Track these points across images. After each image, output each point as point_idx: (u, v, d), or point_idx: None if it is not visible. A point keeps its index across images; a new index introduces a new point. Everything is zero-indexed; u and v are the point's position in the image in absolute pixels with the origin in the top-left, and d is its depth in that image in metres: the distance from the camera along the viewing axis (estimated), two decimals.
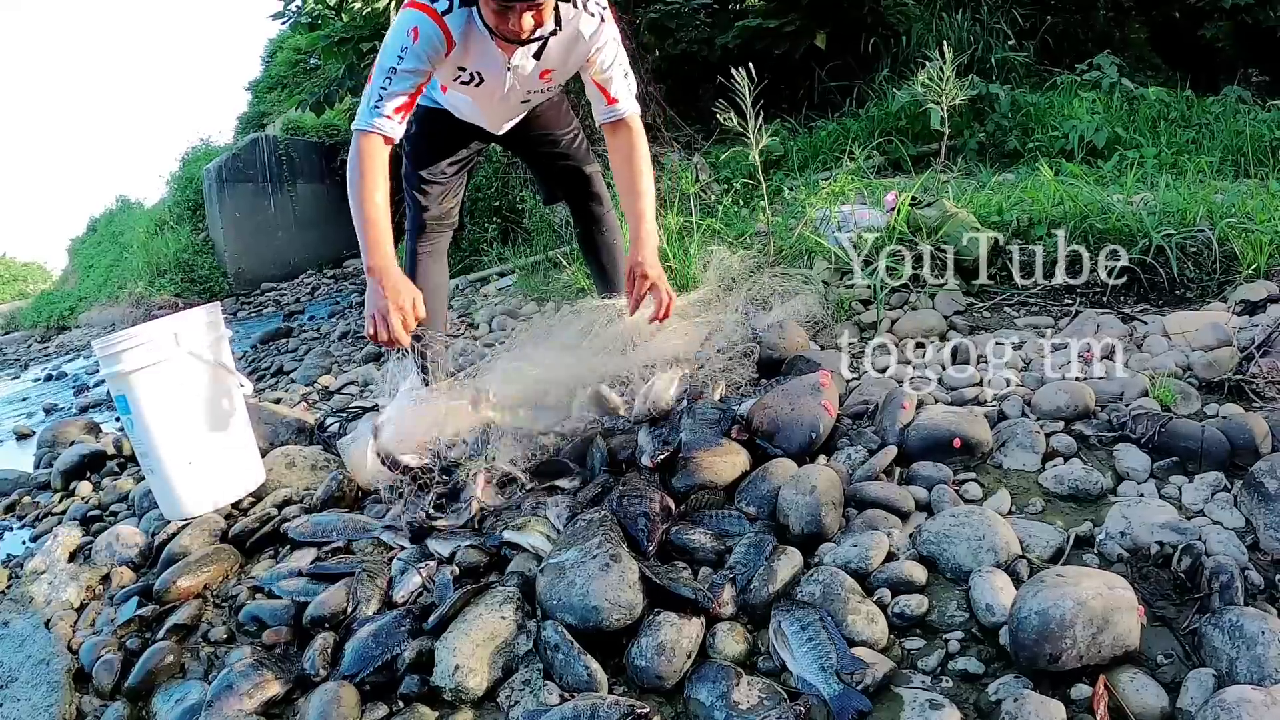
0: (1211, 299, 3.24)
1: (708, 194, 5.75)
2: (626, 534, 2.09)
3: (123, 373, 2.67)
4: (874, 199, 4.20)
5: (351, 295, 8.72)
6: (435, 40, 2.40)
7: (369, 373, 4.55)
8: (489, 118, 2.90)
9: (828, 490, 2.11)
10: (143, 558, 2.71)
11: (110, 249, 14.88)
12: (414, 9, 2.40)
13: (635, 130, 2.73)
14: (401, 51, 2.40)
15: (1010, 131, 6.17)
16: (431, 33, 2.38)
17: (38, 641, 2.30)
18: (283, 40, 15.09)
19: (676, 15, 7.69)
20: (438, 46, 2.41)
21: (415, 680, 1.84)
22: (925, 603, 1.84)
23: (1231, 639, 1.55)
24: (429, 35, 2.39)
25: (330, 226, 11.61)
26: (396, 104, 2.45)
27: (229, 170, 11.21)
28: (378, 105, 2.44)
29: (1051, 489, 2.18)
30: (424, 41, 2.39)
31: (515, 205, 6.76)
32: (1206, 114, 5.89)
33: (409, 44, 2.39)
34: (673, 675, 1.75)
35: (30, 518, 3.45)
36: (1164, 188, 4.02)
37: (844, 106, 7.40)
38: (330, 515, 2.66)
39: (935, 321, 3.26)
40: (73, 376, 8.09)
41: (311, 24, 7.74)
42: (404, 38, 2.39)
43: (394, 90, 2.43)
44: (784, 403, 2.50)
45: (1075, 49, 7.56)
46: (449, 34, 2.40)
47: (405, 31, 2.39)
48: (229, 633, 2.25)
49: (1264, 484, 1.93)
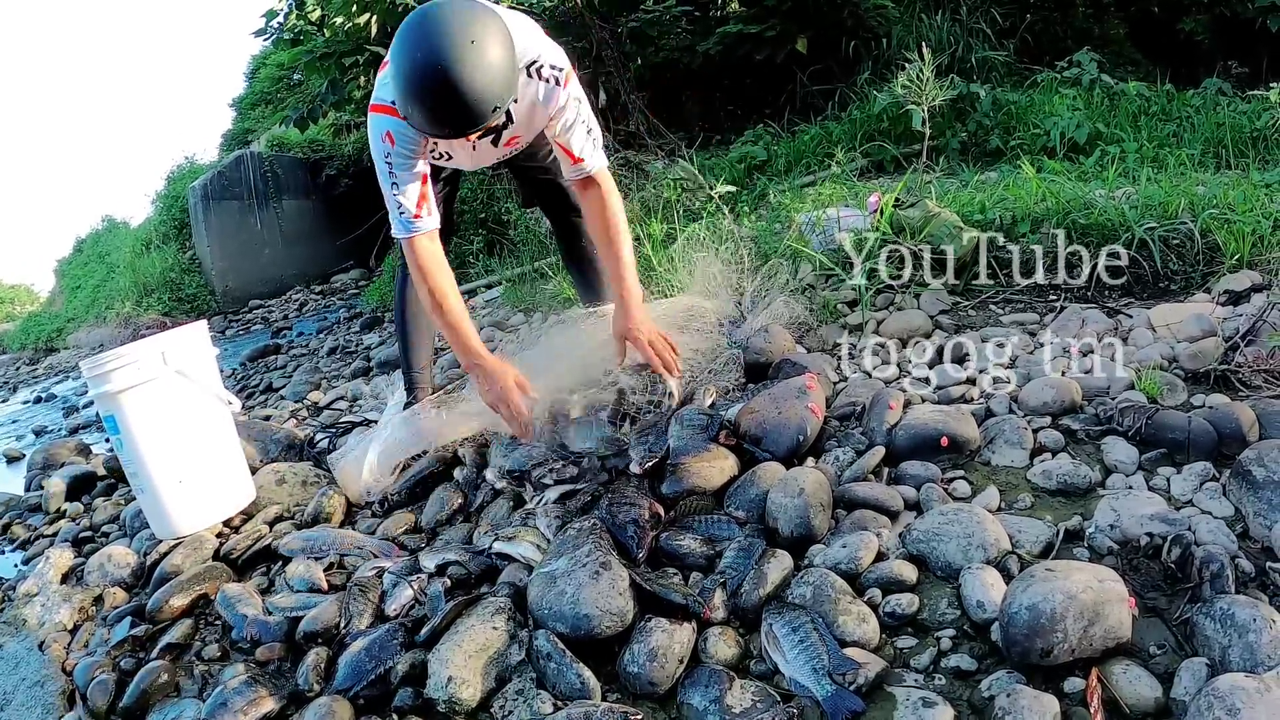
0: (1195, 290, 3.25)
1: (692, 200, 5.76)
2: (616, 541, 2.09)
3: (111, 393, 2.67)
4: (858, 202, 4.21)
5: (339, 310, 8.70)
6: (410, 136, 2.40)
7: (358, 388, 4.55)
8: (466, 169, 2.96)
9: (816, 492, 2.11)
10: (135, 578, 2.70)
11: (97, 269, 14.83)
12: (378, 114, 2.42)
13: (605, 187, 2.70)
14: (387, 157, 2.43)
15: (992, 130, 6.19)
16: (403, 130, 2.38)
17: (32, 664, 2.29)
18: (265, 57, 15.08)
19: (658, 23, 7.70)
20: (415, 139, 2.42)
21: (409, 693, 1.84)
22: (916, 601, 1.84)
23: (1223, 627, 1.56)
24: (402, 135, 2.40)
25: (317, 242, 11.60)
26: (416, 199, 2.47)
27: (214, 188, 11.18)
28: (402, 211, 2.48)
29: (1040, 484, 2.18)
30: (400, 141, 2.41)
31: (501, 217, 6.76)
32: (1187, 107, 5.91)
33: (389, 149, 2.42)
34: (665, 681, 1.75)
35: (21, 540, 3.44)
36: (1146, 182, 4.03)
37: (826, 110, 7.41)
38: (321, 531, 2.65)
39: (921, 321, 3.27)
40: (62, 398, 8.06)
41: (293, 40, 7.73)
42: (383, 145, 2.42)
43: (405, 191, 2.45)
44: (771, 406, 2.50)
45: (1055, 46, 7.59)
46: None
47: (380, 139, 2.42)
48: (222, 650, 2.24)
49: (1252, 472, 1.94)
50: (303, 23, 7.53)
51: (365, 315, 7.38)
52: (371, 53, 6.65)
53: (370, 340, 6.28)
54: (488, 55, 2.09)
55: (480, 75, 2.08)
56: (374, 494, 2.85)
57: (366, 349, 5.98)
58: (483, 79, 2.08)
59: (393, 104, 2.33)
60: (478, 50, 2.07)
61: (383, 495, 2.84)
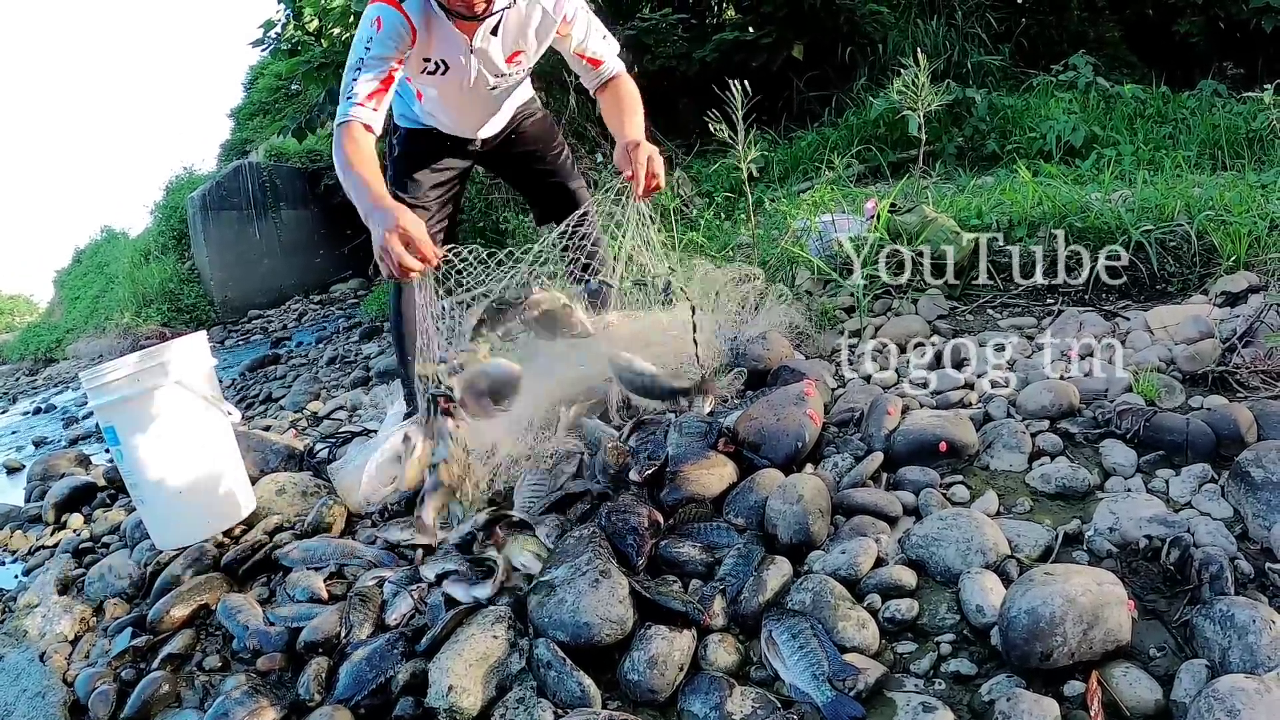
0: (1193, 292, 3.26)
1: (690, 208, 5.77)
2: (616, 549, 2.09)
3: (111, 404, 2.67)
4: (854, 208, 4.22)
5: (338, 320, 8.71)
6: (399, 26, 2.40)
7: (357, 397, 4.55)
8: (464, 116, 2.90)
9: (814, 498, 2.11)
10: (135, 588, 2.70)
11: (96, 280, 14.86)
12: (375, 2, 2.43)
13: (623, 81, 2.76)
14: (368, 42, 2.41)
15: (988, 135, 6.20)
16: (395, 20, 2.40)
17: (33, 675, 2.29)
18: (263, 67, 15.09)
19: (654, 30, 7.71)
20: (402, 34, 2.42)
21: (410, 702, 1.84)
22: (915, 606, 1.84)
23: (1223, 629, 1.56)
24: (392, 22, 2.40)
25: (316, 252, 11.62)
26: (370, 89, 2.42)
27: (213, 198, 11.20)
28: (350, 96, 2.43)
29: (1039, 488, 2.19)
30: (388, 29, 2.40)
31: (499, 226, 6.76)
32: (1182, 109, 5.93)
33: (374, 34, 2.41)
34: (666, 688, 1.75)
35: (22, 551, 3.45)
36: (1142, 184, 4.04)
37: (823, 116, 7.43)
38: (321, 541, 2.66)
39: (919, 326, 3.27)
40: (62, 409, 8.07)
41: (291, 50, 7.74)
42: (369, 29, 2.41)
43: (365, 77, 2.42)
44: (769, 413, 2.50)
45: (1050, 50, 7.61)
46: (410, 21, 2.41)
47: (369, 23, 2.42)
48: (223, 661, 2.25)
49: (1250, 473, 1.94)
50: (300, 33, 7.55)
51: (364, 325, 7.39)
52: None
53: (369, 350, 6.29)
54: None
55: None
56: (373, 504, 2.85)
57: (366, 359, 5.98)
58: None
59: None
60: None
61: (382, 505, 2.84)
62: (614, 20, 7.56)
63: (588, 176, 6.71)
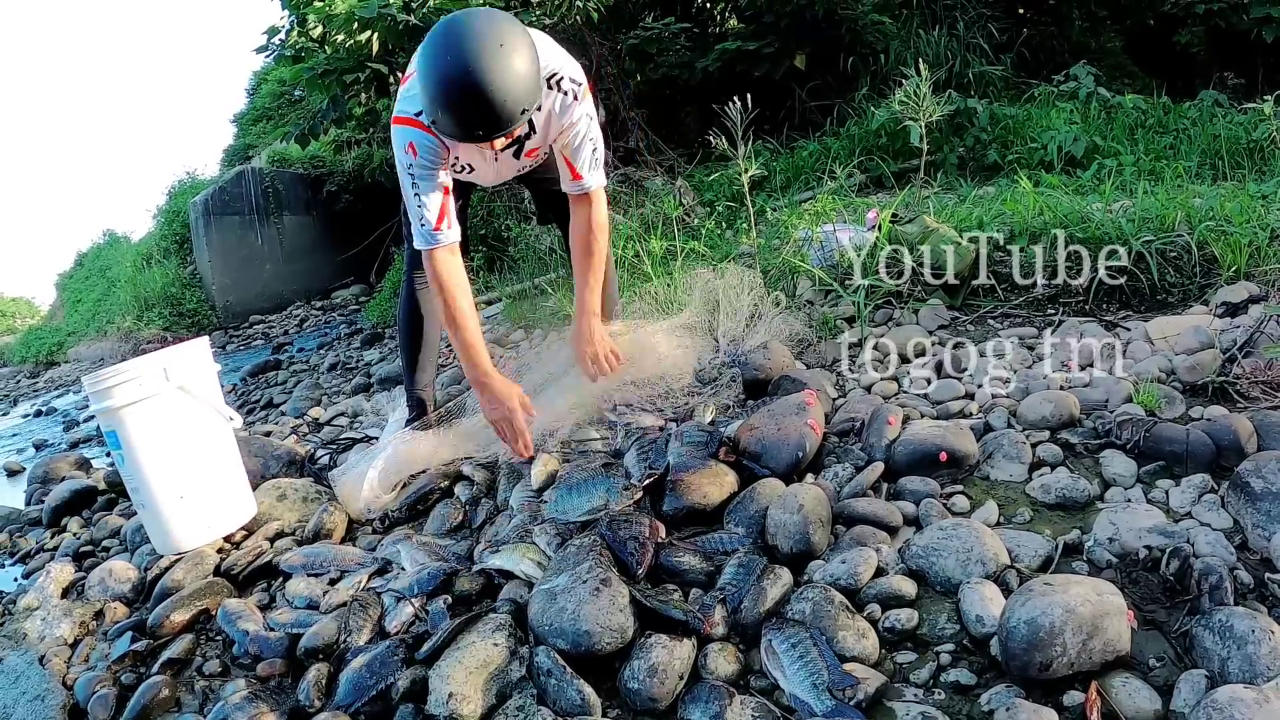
0: (1193, 302, 3.26)
1: (691, 217, 5.78)
2: (616, 558, 2.09)
3: (112, 408, 2.68)
4: (856, 217, 4.23)
5: (340, 326, 8.72)
6: (432, 147, 2.45)
7: (358, 404, 4.55)
8: (484, 181, 2.97)
9: (815, 508, 2.12)
10: (135, 593, 2.70)
11: (98, 283, 14.87)
12: (401, 125, 2.46)
13: (596, 204, 2.78)
14: (410, 170, 2.48)
15: (989, 145, 6.22)
16: (426, 142, 2.44)
17: (32, 678, 2.29)
18: (267, 73, 15.13)
19: (657, 40, 7.73)
20: (437, 151, 2.47)
21: (410, 709, 1.84)
22: (915, 616, 1.84)
23: (1222, 639, 1.56)
24: (424, 146, 2.45)
25: (318, 258, 11.63)
26: (438, 212, 2.52)
27: (215, 203, 11.22)
28: (424, 223, 2.52)
29: (1039, 498, 2.19)
30: (423, 153, 2.46)
31: (501, 233, 6.77)
32: (1183, 119, 5.94)
33: (412, 160, 2.47)
34: (666, 697, 1.75)
35: (22, 554, 3.45)
36: (1142, 194, 4.05)
37: (825, 126, 7.44)
38: (322, 547, 2.66)
39: (920, 337, 3.28)
40: (62, 412, 8.07)
41: (295, 57, 7.74)
42: (405, 157, 2.47)
43: (428, 203, 2.50)
44: (770, 423, 2.51)
45: (1052, 60, 7.63)
46: (439, 138, 2.44)
47: (403, 151, 2.47)
48: (223, 666, 2.24)
49: (1250, 483, 1.94)
50: (304, 40, 7.56)
51: (366, 331, 7.39)
52: (372, 70, 6.68)
53: (371, 356, 6.29)
54: (515, 59, 2.15)
55: (509, 78, 2.13)
56: (374, 511, 2.86)
57: (367, 365, 5.98)
58: (511, 81, 2.14)
59: (415, 115, 2.39)
60: (506, 54, 2.13)
61: (384, 512, 2.85)
62: (617, 29, 7.60)
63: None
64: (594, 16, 6.89)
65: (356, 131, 8.81)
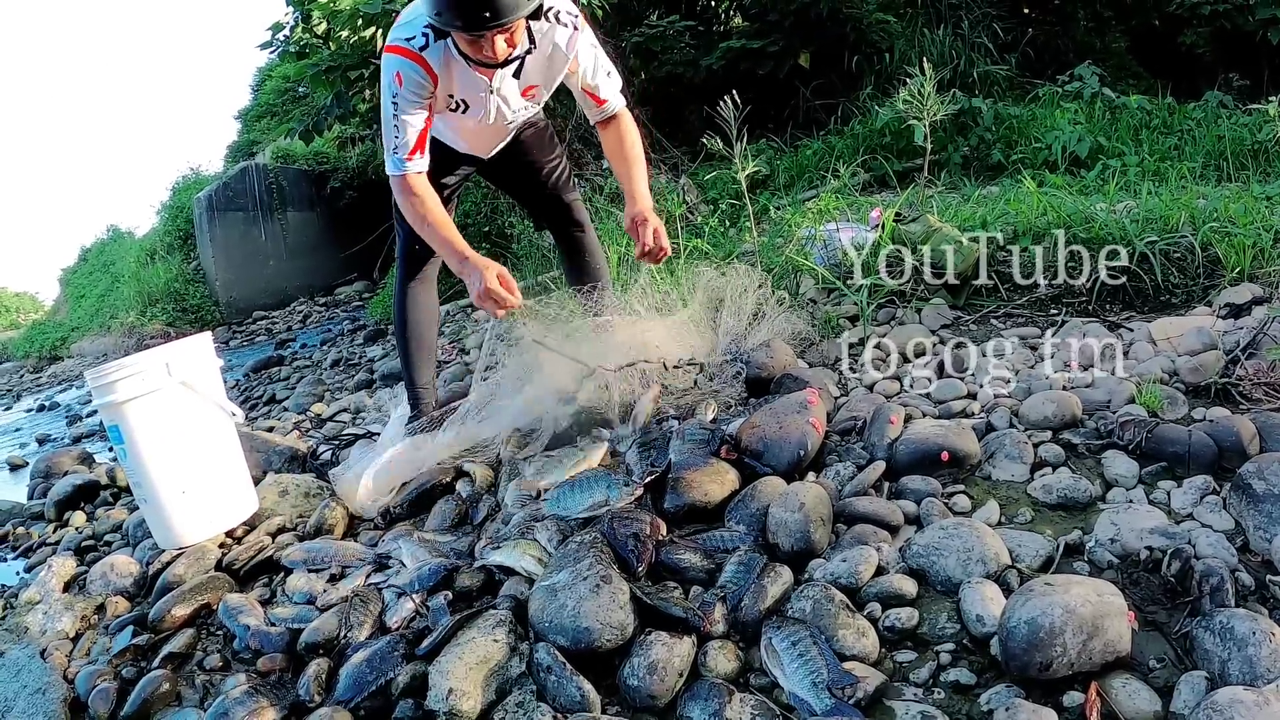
0: (1196, 304, 3.26)
1: (694, 215, 5.78)
2: (617, 555, 2.09)
3: (115, 403, 2.68)
4: (859, 216, 4.23)
5: (343, 322, 8.72)
6: (419, 78, 2.50)
7: (361, 400, 4.56)
8: (478, 143, 2.97)
9: (816, 507, 2.11)
10: (137, 587, 2.71)
11: (102, 279, 14.90)
12: (392, 54, 2.52)
13: (624, 122, 2.89)
14: (394, 98, 2.54)
15: (994, 144, 6.22)
16: (413, 72, 2.49)
17: (33, 671, 2.30)
18: (271, 69, 15.14)
19: (661, 38, 7.74)
20: (422, 83, 2.51)
21: (410, 705, 1.84)
22: (916, 615, 1.84)
23: (1223, 641, 1.56)
24: (411, 76, 2.50)
25: (321, 254, 11.64)
26: (412, 143, 2.58)
27: (219, 199, 11.23)
28: (396, 150, 2.59)
29: (1040, 498, 2.18)
30: (409, 84, 2.51)
31: (504, 230, 6.78)
32: (1188, 120, 5.94)
33: (397, 90, 2.52)
34: (665, 694, 1.75)
35: (24, 548, 3.45)
36: (1146, 195, 4.05)
37: (829, 124, 7.45)
38: (323, 543, 2.66)
39: (922, 336, 3.27)
40: (65, 407, 8.08)
41: (299, 53, 7.75)
42: (391, 85, 2.53)
43: (404, 130, 2.57)
44: (772, 421, 2.50)
45: (1056, 60, 7.63)
46: (430, 69, 2.50)
47: (390, 80, 2.52)
48: (224, 661, 2.25)
49: (1252, 485, 1.94)
50: (308, 36, 7.57)
51: (369, 327, 7.39)
52: (376, 67, 6.67)
53: (374, 353, 6.29)
54: None
55: None
56: (376, 508, 2.86)
57: (370, 361, 5.99)
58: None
59: (406, 43, 2.46)
60: None
61: (384, 508, 2.85)
62: (621, 27, 7.59)
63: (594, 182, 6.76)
64: (598, 14, 6.89)
65: (360, 128, 8.80)
